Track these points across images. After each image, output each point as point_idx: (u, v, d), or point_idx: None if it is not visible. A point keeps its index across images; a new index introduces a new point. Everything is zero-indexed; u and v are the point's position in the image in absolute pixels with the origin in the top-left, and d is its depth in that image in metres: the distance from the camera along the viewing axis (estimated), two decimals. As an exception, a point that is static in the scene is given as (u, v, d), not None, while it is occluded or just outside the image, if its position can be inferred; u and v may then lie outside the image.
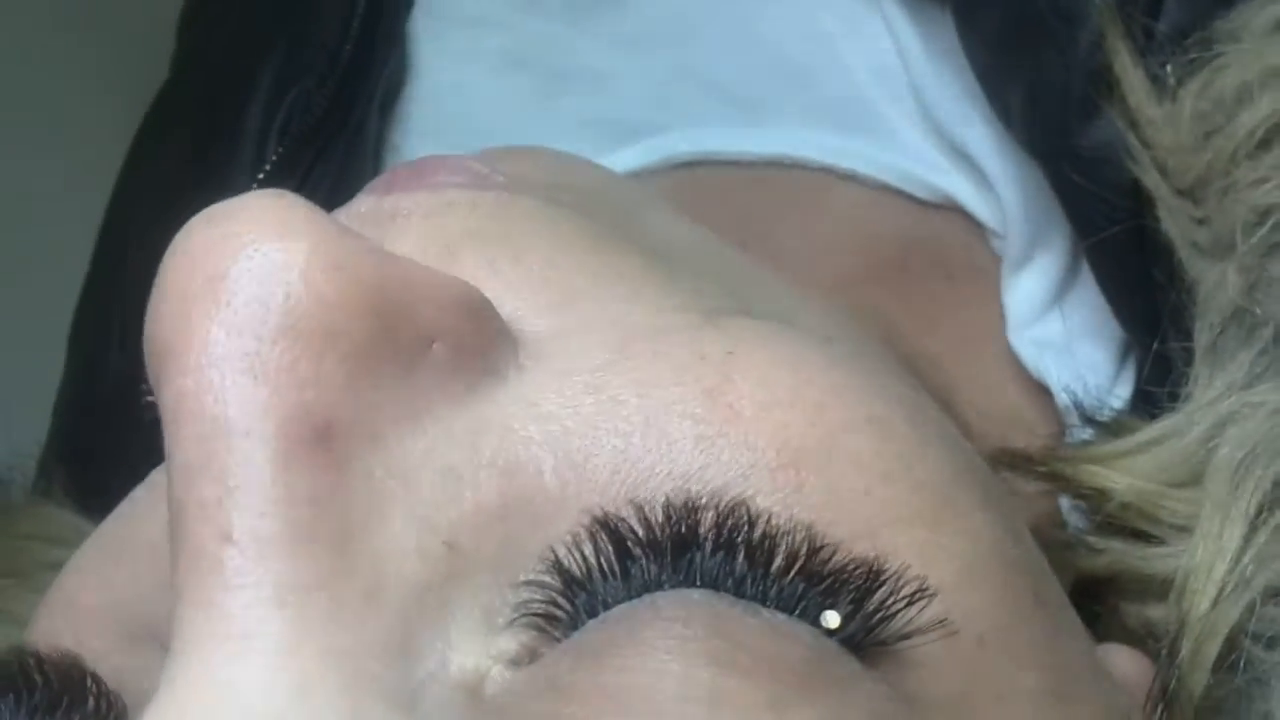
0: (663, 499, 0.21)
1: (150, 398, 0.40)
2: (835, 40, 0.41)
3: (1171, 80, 0.32)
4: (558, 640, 0.20)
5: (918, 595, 0.20)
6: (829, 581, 0.20)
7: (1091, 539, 0.32)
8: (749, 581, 0.20)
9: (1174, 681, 0.28)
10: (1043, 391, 0.37)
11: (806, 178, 0.40)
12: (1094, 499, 0.31)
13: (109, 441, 0.44)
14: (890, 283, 0.39)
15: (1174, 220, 0.32)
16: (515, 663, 0.20)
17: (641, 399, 0.22)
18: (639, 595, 0.20)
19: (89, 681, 0.23)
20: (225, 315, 0.20)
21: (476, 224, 0.25)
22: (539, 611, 0.20)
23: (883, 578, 0.20)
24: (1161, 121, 0.32)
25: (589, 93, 0.44)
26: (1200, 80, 0.32)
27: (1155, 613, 0.30)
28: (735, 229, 0.35)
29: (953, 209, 0.39)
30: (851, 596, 0.20)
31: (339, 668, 0.18)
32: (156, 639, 0.23)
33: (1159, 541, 0.30)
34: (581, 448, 0.21)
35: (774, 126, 0.41)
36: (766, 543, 0.20)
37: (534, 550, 0.21)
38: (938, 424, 0.24)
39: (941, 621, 0.20)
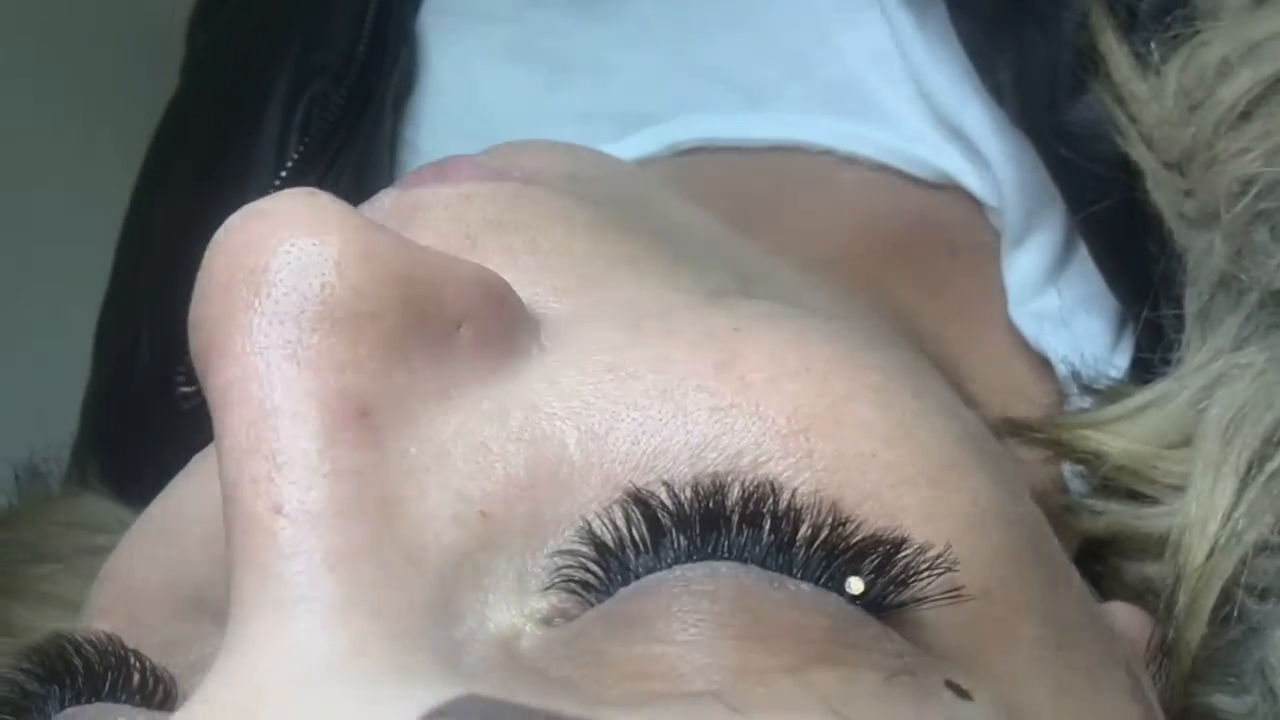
0: (690, 476, 0.22)
1: (185, 389, 0.42)
2: (832, 27, 0.42)
3: (1155, 57, 0.33)
4: (591, 604, 0.21)
5: (939, 562, 0.21)
6: (853, 550, 0.21)
7: (1091, 502, 0.33)
8: (774, 553, 0.21)
9: (1172, 633, 0.30)
10: (1043, 363, 0.39)
11: (809, 161, 0.42)
12: (1091, 463, 0.32)
13: (140, 435, 0.45)
14: (894, 260, 0.40)
15: (1162, 192, 0.33)
16: (547, 622, 0.22)
17: (657, 374, 0.23)
18: (669, 567, 0.21)
19: (132, 659, 0.24)
20: (267, 306, 0.22)
21: (495, 214, 0.27)
22: (573, 576, 0.22)
23: (905, 546, 0.21)
24: (1147, 97, 0.33)
25: (593, 84, 0.45)
26: (1182, 56, 0.33)
27: (1153, 570, 0.31)
28: (739, 213, 0.36)
29: (953, 188, 0.40)
30: (875, 563, 0.21)
31: (389, 626, 0.20)
32: (206, 610, 0.24)
33: (1154, 501, 0.32)
34: (603, 421, 0.23)
35: (775, 112, 0.42)
36: (791, 515, 0.21)
37: (562, 518, 0.22)
38: (938, 392, 0.25)
39: (958, 589, 0.21)
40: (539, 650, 0.21)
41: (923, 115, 0.41)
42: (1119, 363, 0.37)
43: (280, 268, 0.22)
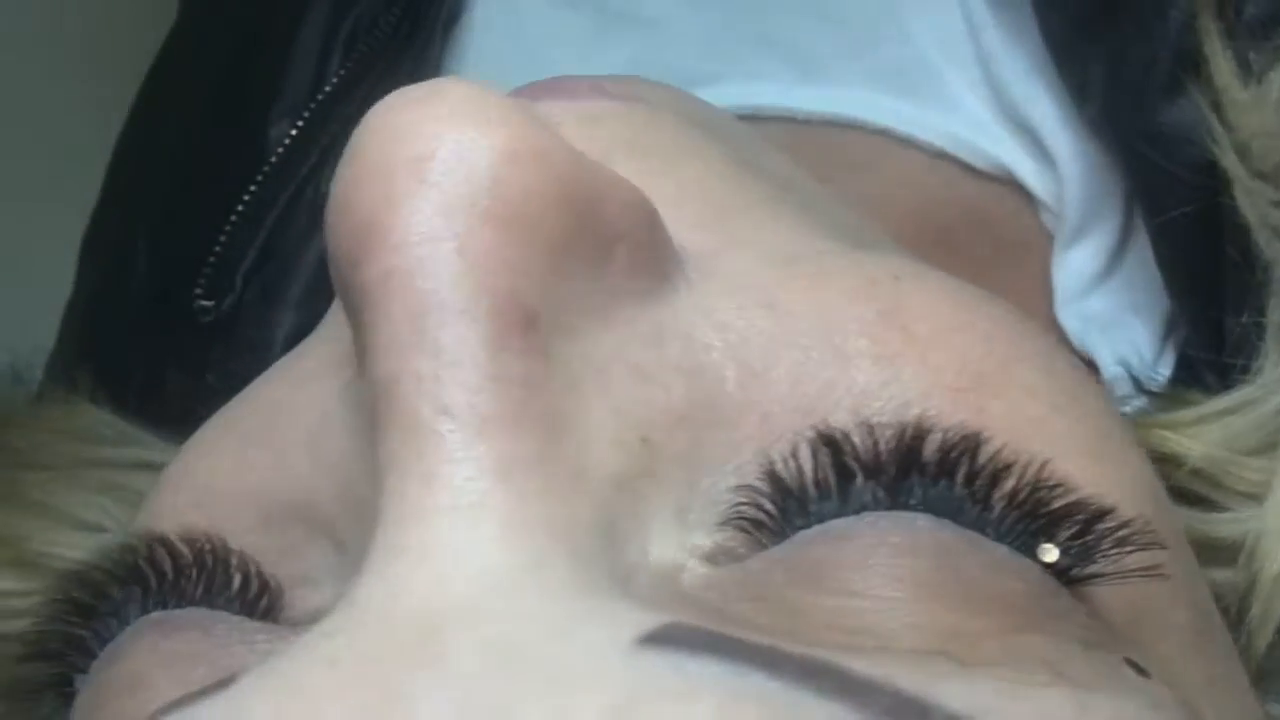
0: (893, 418, 0.21)
1: (204, 302, 0.40)
2: (902, 5, 0.41)
3: (1257, 66, 0.33)
4: (762, 546, 0.20)
5: (1137, 535, 0.20)
6: (1049, 516, 0.20)
7: None
8: (968, 509, 0.20)
9: (1243, 639, 0.29)
10: (1087, 364, 0.38)
11: (863, 139, 0.41)
12: (1165, 465, 0.32)
13: (133, 348, 0.43)
14: (939, 249, 0.40)
15: (1251, 201, 0.33)
16: (710, 559, 0.20)
17: (816, 316, 0.22)
18: (855, 513, 0.20)
19: (234, 560, 0.23)
20: (434, 195, 0.20)
21: (629, 136, 0.25)
22: (745, 514, 0.20)
23: (1109, 517, 0.20)
24: (1247, 105, 0.33)
25: (640, 37, 0.44)
26: None
27: (1220, 576, 0.31)
28: None
29: (1007, 181, 0.40)
30: (1071, 531, 0.20)
31: (566, 543, 0.18)
32: (304, 519, 0.23)
33: (1223, 508, 0.32)
34: (761, 358, 0.22)
35: (832, 86, 0.42)
36: (991, 471, 0.20)
37: (719, 454, 0.21)
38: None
39: (1156, 566, 0.20)
40: (706, 587, 0.20)
41: (987, 105, 0.40)
42: (1162, 370, 0.37)
43: (449, 156, 0.20)
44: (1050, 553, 0.20)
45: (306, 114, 0.40)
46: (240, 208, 0.39)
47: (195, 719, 0.17)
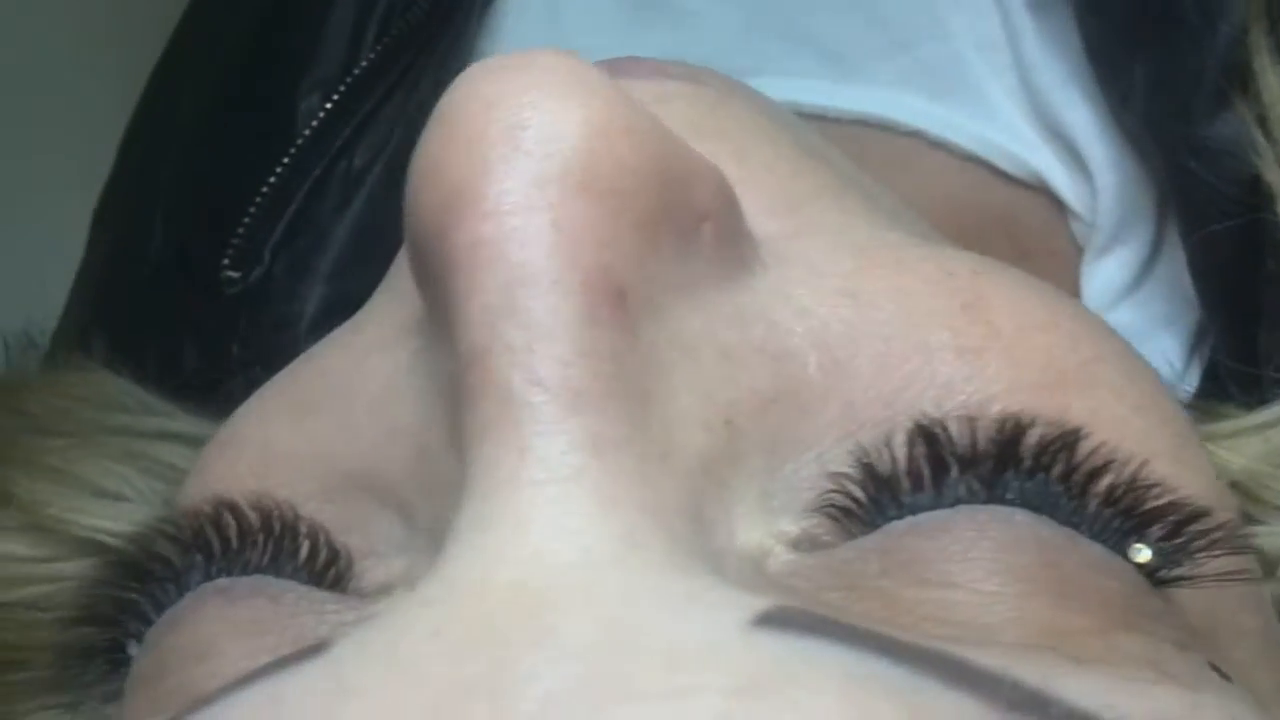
0: (979, 413, 0.21)
1: (231, 273, 0.39)
2: (940, 7, 0.41)
3: None
4: (850, 535, 0.20)
5: (1226, 538, 0.20)
6: (1143, 515, 0.20)
7: None
8: (1063, 504, 0.20)
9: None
10: None
11: (895, 140, 0.41)
12: None
13: (152, 318, 0.43)
14: None
15: None
16: (796, 546, 0.20)
17: (898, 306, 0.22)
18: (950, 506, 0.20)
19: (302, 529, 0.22)
20: (528, 165, 0.20)
21: (696, 118, 0.25)
22: (835, 503, 0.20)
23: (1204, 520, 0.20)
24: None
25: (676, 28, 0.43)
26: None
27: None
28: None
29: (1039, 189, 0.40)
30: (1163, 531, 0.20)
31: (659, 523, 0.18)
32: (367, 492, 0.22)
33: (1259, 521, 0.32)
34: (843, 346, 0.22)
35: (867, 85, 0.41)
36: (1087, 466, 0.20)
37: (801, 440, 0.21)
38: None
39: (1243, 570, 0.20)
40: (793, 574, 0.20)
41: (1022, 110, 0.40)
42: (1189, 383, 0.37)
43: (544, 126, 0.20)
44: (1143, 553, 0.20)
45: (341, 89, 0.40)
46: (272, 180, 0.39)
47: (289, 685, 0.16)
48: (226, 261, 0.38)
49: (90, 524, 0.34)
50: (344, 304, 0.38)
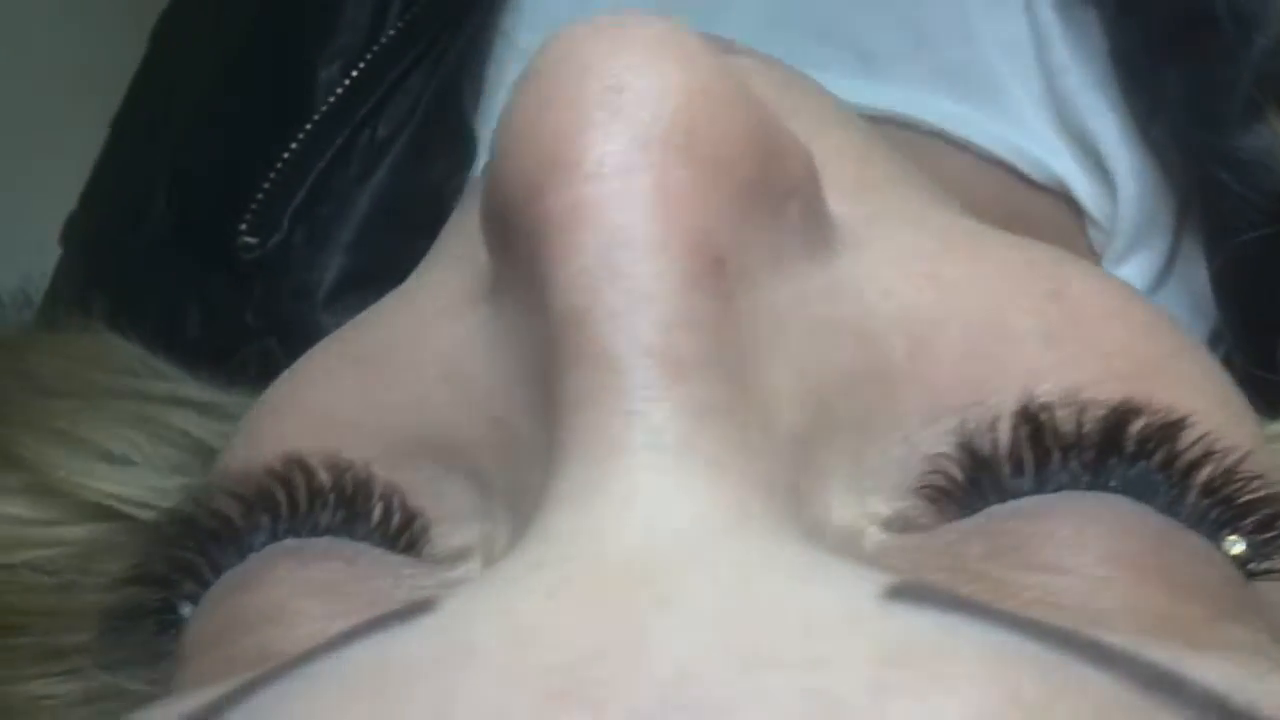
0: (1064, 400, 0.20)
1: (249, 239, 0.39)
2: (969, 8, 0.41)
3: None
4: (946, 517, 0.20)
5: None
6: (1238, 508, 0.20)
7: None
8: (1164, 493, 0.20)
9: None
10: None
11: (917, 139, 0.41)
12: None
13: (153, 282, 0.42)
14: None
15: None
16: (889, 526, 0.20)
17: (981, 291, 0.22)
18: (1052, 491, 0.20)
19: (377, 490, 0.22)
20: (629, 128, 0.20)
21: (774, 94, 0.25)
22: (933, 484, 0.20)
23: None
24: None
25: (704, 15, 0.43)
26: None
27: None
28: None
29: (1059, 193, 0.40)
30: (1254, 524, 0.20)
31: (767, 495, 0.18)
32: (437, 456, 0.22)
33: None
34: (928, 331, 0.21)
35: (890, 83, 0.41)
36: (1189, 456, 0.20)
37: (887, 420, 0.21)
38: None
39: None
40: (890, 553, 0.20)
41: (1046, 115, 0.40)
42: None
43: (646, 90, 0.20)
44: (1238, 544, 0.20)
45: (367, 58, 0.39)
46: (294, 145, 0.38)
47: (400, 644, 0.16)
48: (244, 227, 0.37)
49: (99, 488, 0.33)
50: (363, 275, 0.38)
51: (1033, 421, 0.20)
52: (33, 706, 0.32)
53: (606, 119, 0.20)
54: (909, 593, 0.16)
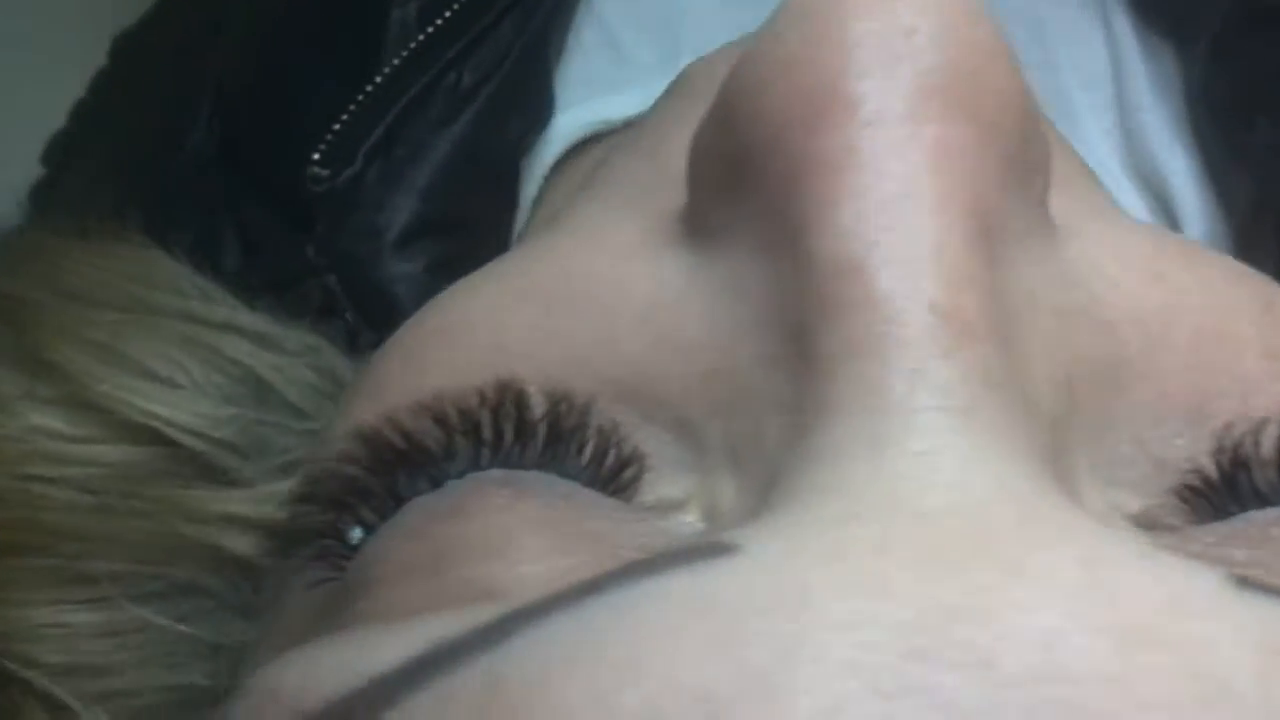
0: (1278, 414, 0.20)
1: (319, 170, 0.36)
2: (1051, 37, 0.41)
3: None
4: (1195, 520, 0.19)
5: None
6: None
7: None
8: None
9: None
10: None
11: None
12: None
13: (187, 205, 0.39)
14: None
15: None
16: (1136, 523, 0.19)
17: (1205, 295, 0.22)
18: None
19: (591, 425, 0.20)
20: (913, 75, 0.19)
21: None
22: (1190, 484, 0.20)
23: None
24: None
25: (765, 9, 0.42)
26: None
27: None
28: None
29: None
30: None
31: (1049, 470, 0.17)
32: (629, 402, 0.20)
33: None
34: (1159, 326, 0.21)
35: None
36: None
37: (1120, 413, 0.20)
38: None
39: None
40: None
41: (1114, 149, 0.40)
42: None
43: (933, 38, 0.19)
44: None
45: (455, 6, 0.37)
46: (379, 80, 0.36)
47: (713, 580, 0.15)
48: (316, 157, 0.35)
49: (144, 406, 0.31)
50: (437, 222, 0.36)
51: None
52: (35, 634, 0.30)
53: (890, 65, 0.19)
54: (1253, 586, 0.15)
